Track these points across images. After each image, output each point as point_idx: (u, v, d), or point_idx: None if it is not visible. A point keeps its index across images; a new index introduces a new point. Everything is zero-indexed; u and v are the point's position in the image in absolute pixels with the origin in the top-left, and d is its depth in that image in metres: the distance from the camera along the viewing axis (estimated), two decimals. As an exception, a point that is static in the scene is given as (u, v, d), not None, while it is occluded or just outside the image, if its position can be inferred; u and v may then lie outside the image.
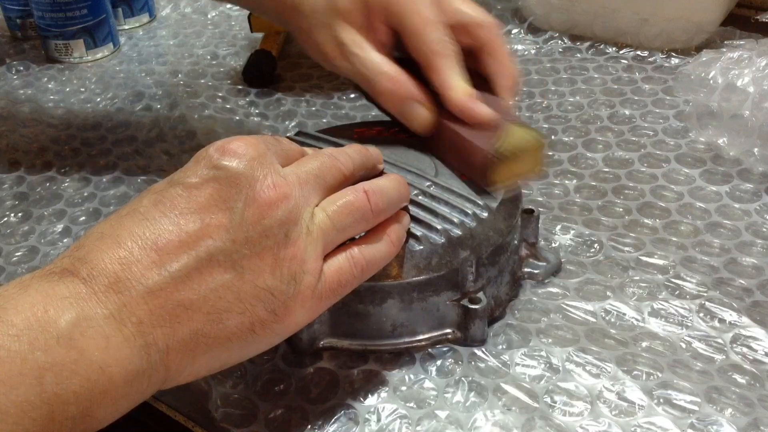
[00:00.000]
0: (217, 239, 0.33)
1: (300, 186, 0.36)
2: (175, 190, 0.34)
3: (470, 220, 0.43)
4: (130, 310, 0.31)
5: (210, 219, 0.33)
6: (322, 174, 0.37)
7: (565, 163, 0.59)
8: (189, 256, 0.32)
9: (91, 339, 0.30)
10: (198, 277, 0.32)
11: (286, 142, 0.39)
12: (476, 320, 0.43)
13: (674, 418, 0.39)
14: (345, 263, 0.37)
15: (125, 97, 0.72)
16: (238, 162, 0.34)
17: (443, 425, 0.39)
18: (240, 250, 0.33)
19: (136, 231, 0.32)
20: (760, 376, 0.41)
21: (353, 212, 0.37)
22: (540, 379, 0.42)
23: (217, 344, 0.33)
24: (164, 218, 0.33)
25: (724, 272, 0.48)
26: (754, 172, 0.56)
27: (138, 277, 0.31)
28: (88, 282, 0.31)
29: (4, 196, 0.60)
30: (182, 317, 0.32)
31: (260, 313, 0.34)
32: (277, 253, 0.34)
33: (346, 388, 0.42)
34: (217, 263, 0.33)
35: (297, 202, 0.35)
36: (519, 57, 0.75)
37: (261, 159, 0.35)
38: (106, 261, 0.32)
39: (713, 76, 0.60)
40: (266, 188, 0.34)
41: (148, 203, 0.34)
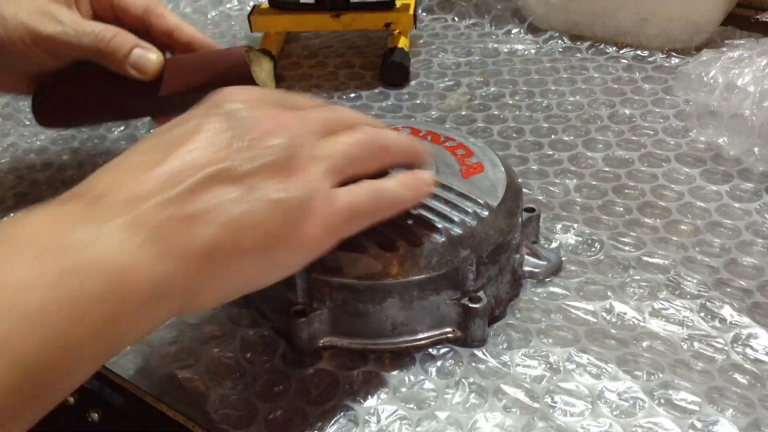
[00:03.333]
0: (220, 160, 0.33)
1: (303, 123, 0.36)
2: (177, 128, 0.35)
3: (471, 219, 0.43)
4: (142, 221, 0.31)
5: (211, 145, 0.33)
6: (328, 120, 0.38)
7: (565, 163, 0.59)
8: (194, 175, 0.32)
9: (106, 245, 0.29)
10: (205, 192, 0.32)
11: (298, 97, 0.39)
12: (476, 319, 0.43)
13: (675, 418, 0.39)
14: (357, 188, 0.37)
15: (125, 96, 0.71)
16: (240, 104, 0.35)
17: (443, 426, 0.39)
18: (245, 168, 0.33)
19: (140, 159, 0.33)
20: (761, 376, 0.41)
21: (361, 145, 0.37)
22: (540, 379, 0.41)
23: (234, 257, 0.33)
24: (166, 147, 0.33)
25: (724, 272, 0.48)
26: (754, 171, 0.56)
27: (145, 195, 0.31)
28: (97, 202, 0.31)
29: (4, 195, 0.59)
30: (194, 226, 0.31)
31: (274, 225, 0.33)
32: (282, 172, 0.34)
33: (345, 389, 0.42)
34: (222, 180, 0.33)
35: (300, 132, 0.35)
36: (519, 57, 0.75)
37: (262, 103, 0.36)
38: (112, 185, 0.32)
39: (713, 75, 0.60)
40: (268, 120, 0.35)
41: (150, 139, 0.34)
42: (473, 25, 0.82)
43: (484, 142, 0.51)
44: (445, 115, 0.66)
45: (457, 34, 0.80)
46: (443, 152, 0.48)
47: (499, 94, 0.69)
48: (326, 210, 0.35)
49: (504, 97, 0.68)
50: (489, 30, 0.80)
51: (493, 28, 0.80)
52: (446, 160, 0.47)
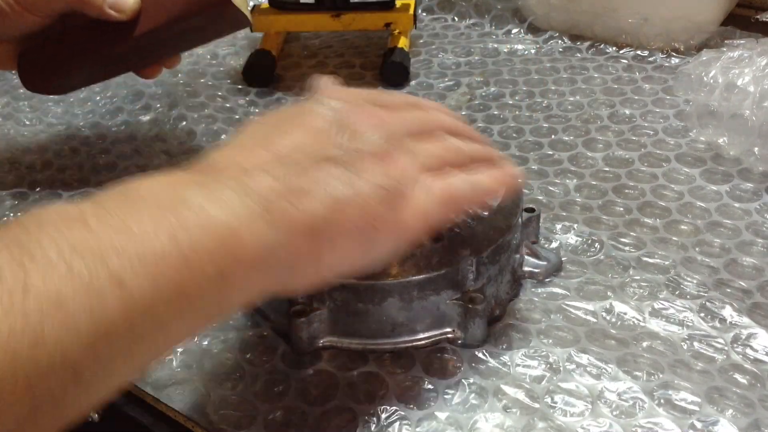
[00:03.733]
0: (329, 149, 0.35)
1: (399, 122, 0.39)
2: (283, 116, 0.38)
3: (471, 219, 0.43)
4: (254, 188, 0.32)
5: (320, 136, 0.36)
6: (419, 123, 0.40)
7: (565, 163, 0.59)
8: (306, 157, 0.34)
9: (219, 207, 0.31)
10: (315, 171, 0.34)
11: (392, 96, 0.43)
12: (476, 319, 0.43)
13: (675, 419, 0.39)
14: (452, 179, 0.38)
15: (125, 96, 0.71)
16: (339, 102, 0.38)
17: (443, 426, 0.39)
18: (351, 159, 0.35)
19: (251, 141, 0.36)
20: (761, 376, 0.41)
21: (450, 150, 0.39)
22: (540, 379, 0.41)
23: (340, 234, 0.34)
24: (279, 134, 0.36)
25: (724, 272, 0.48)
26: (754, 171, 0.56)
27: (260, 167, 0.33)
28: (212, 169, 0.33)
29: (4, 195, 0.59)
30: (302, 199, 0.33)
31: (378, 207, 0.35)
32: (383, 161, 0.36)
33: (345, 389, 0.42)
34: (332, 163, 0.35)
35: (395, 129, 0.38)
36: (519, 57, 0.74)
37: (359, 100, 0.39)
38: (228, 158, 0.34)
39: (713, 75, 0.60)
40: (367, 116, 0.38)
41: (257, 126, 0.37)
42: (473, 25, 0.81)
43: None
44: (445, 115, 0.66)
45: (457, 34, 0.80)
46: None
47: (499, 94, 0.69)
48: (423, 197, 0.37)
49: (504, 97, 0.68)
50: (489, 30, 0.80)
51: (493, 28, 0.80)
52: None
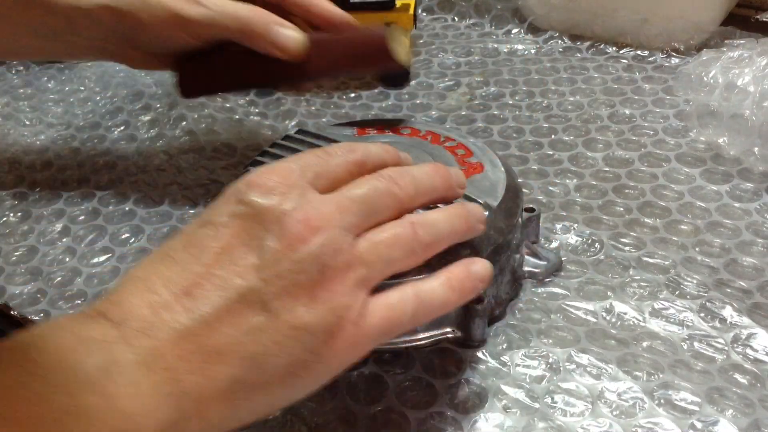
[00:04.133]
0: (247, 279, 0.31)
1: (340, 215, 0.33)
2: (204, 231, 0.33)
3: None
4: (159, 355, 0.30)
5: (238, 258, 0.32)
6: (370, 201, 0.35)
7: (565, 163, 0.59)
8: (219, 298, 0.31)
9: (120, 386, 0.29)
10: (229, 319, 0.31)
11: (338, 158, 0.36)
12: (476, 319, 0.42)
13: (675, 419, 0.39)
14: (395, 300, 0.34)
15: (125, 96, 0.71)
16: (264, 196, 0.33)
17: (443, 426, 0.39)
18: (271, 290, 0.31)
19: (166, 274, 0.32)
20: (761, 376, 0.41)
21: (399, 245, 0.35)
22: (540, 379, 0.41)
23: (257, 390, 0.31)
24: (193, 260, 0.32)
25: (724, 272, 0.48)
26: (754, 171, 0.56)
27: (168, 321, 0.30)
28: (118, 326, 0.30)
29: (4, 195, 0.59)
30: (215, 362, 0.30)
31: (299, 354, 0.32)
32: (312, 289, 0.32)
33: (345, 390, 0.42)
34: (248, 304, 0.31)
35: (332, 234, 0.33)
36: (519, 57, 0.74)
37: (290, 190, 0.33)
38: (136, 305, 0.31)
39: (713, 75, 0.60)
40: (295, 222, 0.32)
41: (178, 245, 0.33)
42: (473, 25, 0.81)
43: (484, 142, 0.50)
44: (445, 115, 0.66)
45: (457, 34, 0.80)
46: (443, 152, 0.48)
47: (499, 94, 0.69)
48: (358, 329, 0.33)
49: (504, 97, 0.68)
50: (489, 30, 0.80)
51: (493, 28, 0.80)
52: (446, 160, 0.47)
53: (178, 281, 0.31)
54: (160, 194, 0.58)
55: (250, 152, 0.63)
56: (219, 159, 0.62)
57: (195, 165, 0.62)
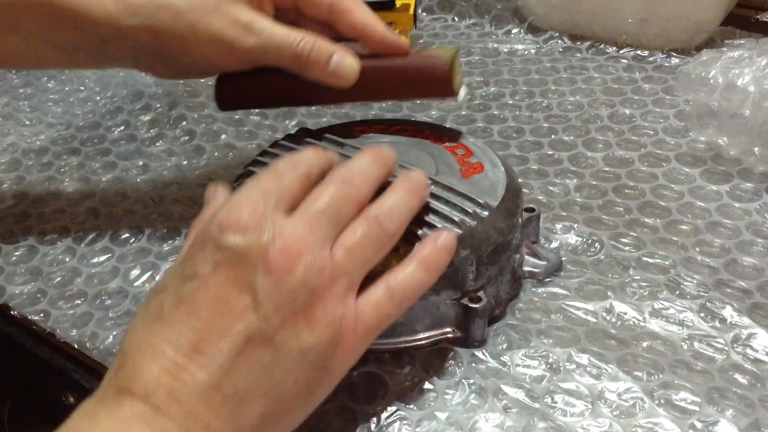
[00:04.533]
0: (248, 320, 0.33)
1: (312, 233, 0.35)
2: (192, 285, 0.33)
3: (471, 219, 0.42)
4: (194, 417, 0.31)
5: (234, 303, 0.33)
6: (334, 210, 0.36)
7: (565, 163, 0.59)
8: (228, 345, 0.32)
9: None
10: (243, 362, 0.32)
11: (289, 176, 0.37)
12: (476, 319, 0.43)
13: (675, 419, 0.39)
14: (382, 297, 0.37)
15: (125, 96, 0.71)
16: (241, 236, 0.33)
17: (443, 427, 0.39)
18: (273, 324, 0.33)
19: (171, 337, 0.32)
20: (761, 376, 0.41)
21: (370, 243, 0.37)
22: (540, 379, 0.41)
23: (282, 416, 0.34)
24: (191, 317, 0.33)
25: (724, 272, 0.48)
26: (754, 171, 0.56)
27: (190, 383, 0.31)
28: (147, 399, 0.31)
29: (3, 195, 0.59)
30: (243, 407, 0.32)
31: (311, 373, 0.34)
32: (309, 311, 0.34)
33: (345, 389, 0.42)
34: (255, 343, 0.33)
35: (312, 255, 0.34)
36: (519, 57, 0.74)
37: (262, 223, 0.34)
38: (155, 374, 0.31)
39: (713, 75, 0.59)
40: (278, 254, 0.33)
41: (170, 306, 0.33)
42: (473, 25, 0.81)
43: (484, 142, 0.50)
44: (445, 115, 0.66)
45: (457, 34, 0.80)
46: (443, 152, 0.48)
47: (499, 94, 0.69)
48: (356, 334, 0.35)
49: (504, 97, 0.68)
50: (489, 30, 0.80)
51: (493, 28, 0.80)
52: (446, 160, 0.47)
53: (183, 341, 0.32)
54: (159, 194, 0.58)
55: (250, 152, 0.63)
56: (219, 159, 0.62)
57: (195, 165, 0.62)
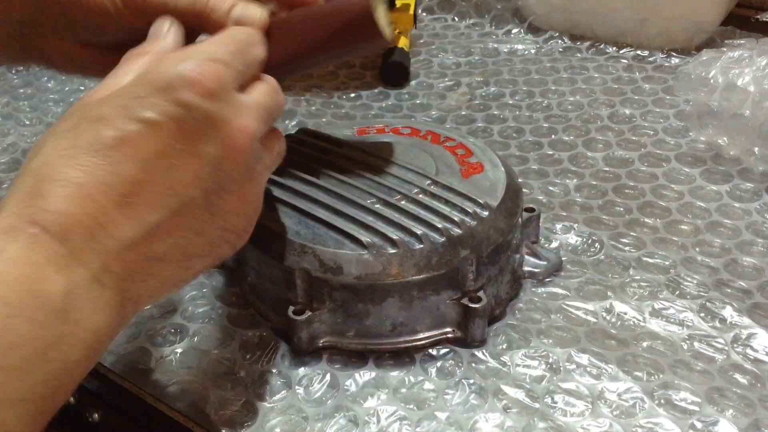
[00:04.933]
0: (190, 189, 0.32)
1: (263, 124, 0.36)
2: (136, 127, 0.31)
3: (471, 219, 0.43)
4: (109, 270, 0.30)
5: (179, 165, 0.32)
6: (271, 100, 0.37)
7: (565, 162, 0.59)
8: (162, 207, 0.32)
9: (83, 308, 0.30)
10: (170, 227, 0.32)
11: (251, 55, 0.37)
12: (476, 319, 0.42)
13: (675, 419, 0.39)
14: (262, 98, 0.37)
15: (124, 96, 0.71)
16: (205, 101, 0.32)
17: (443, 427, 0.39)
18: (210, 198, 0.33)
19: (104, 179, 0.30)
20: (761, 376, 0.41)
21: (273, 94, 0.37)
22: (540, 379, 0.41)
23: (181, 282, 0.35)
24: (129, 162, 0.31)
25: (724, 272, 0.48)
26: (754, 171, 0.56)
27: (112, 233, 0.30)
28: (63, 240, 0.29)
29: (4, 195, 0.59)
30: (155, 270, 0.32)
31: (224, 250, 0.35)
32: (242, 193, 0.35)
33: (345, 389, 0.42)
34: (189, 212, 0.32)
35: (256, 143, 0.35)
36: (519, 57, 0.74)
37: (228, 95, 0.33)
38: (77, 215, 0.30)
39: (713, 75, 0.60)
40: (237, 132, 0.33)
41: (109, 143, 0.31)
42: (473, 25, 0.81)
43: (484, 142, 0.51)
44: (445, 115, 0.66)
45: (457, 34, 0.80)
46: (443, 152, 0.48)
47: (499, 94, 0.69)
48: (262, 181, 0.37)
49: (504, 97, 0.68)
50: (489, 30, 0.80)
51: (493, 28, 0.80)
52: (446, 160, 0.47)
53: (116, 187, 0.31)
54: (160, 194, 0.58)
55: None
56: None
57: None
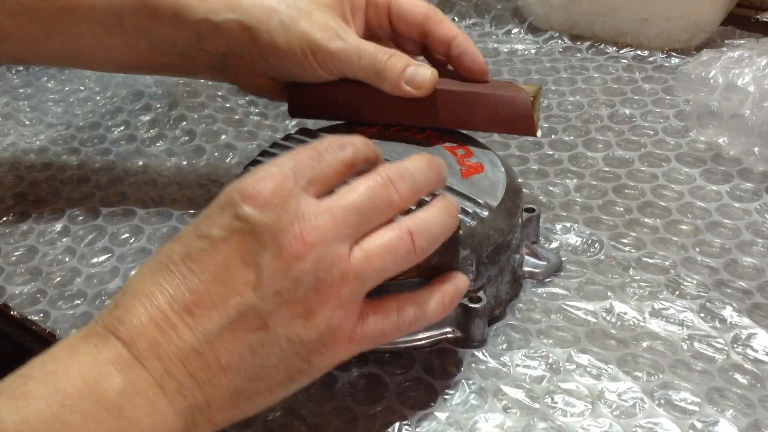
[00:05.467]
0: (245, 297, 0.33)
1: (335, 227, 0.34)
2: (202, 244, 0.33)
3: (471, 219, 0.42)
4: (171, 374, 0.32)
5: (237, 276, 0.33)
6: (366, 208, 0.35)
7: (565, 163, 0.59)
8: (220, 316, 0.32)
9: (139, 407, 0.31)
10: (230, 336, 0.33)
11: (330, 157, 0.36)
12: (476, 319, 0.42)
13: (675, 419, 0.39)
14: (393, 316, 0.36)
15: (125, 96, 0.71)
16: (261, 211, 0.33)
17: (443, 427, 0.39)
18: (269, 307, 0.33)
19: (169, 290, 0.33)
20: (761, 376, 0.41)
21: (395, 254, 0.35)
22: (540, 379, 0.41)
23: (256, 395, 0.34)
24: (193, 276, 0.33)
25: (724, 272, 0.48)
26: (754, 171, 0.56)
27: (174, 341, 0.32)
28: (129, 345, 0.32)
29: (4, 195, 0.59)
30: (220, 378, 0.33)
31: (296, 363, 0.34)
32: (308, 303, 0.33)
33: (345, 390, 0.42)
34: (247, 321, 0.33)
35: (328, 248, 0.33)
36: (519, 57, 0.74)
37: (286, 202, 0.33)
38: (144, 323, 0.32)
39: (713, 75, 0.60)
40: (292, 239, 0.33)
41: (178, 258, 0.33)
42: (473, 25, 0.81)
43: (484, 142, 0.50)
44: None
45: (457, 34, 0.80)
46: (443, 152, 0.48)
47: (499, 94, 0.69)
48: (352, 338, 0.35)
49: (504, 97, 0.68)
50: (489, 30, 0.80)
51: (493, 28, 0.80)
52: (446, 161, 0.47)
53: (179, 297, 0.33)
54: (159, 194, 0.58)
55: (250, 152, 0.63)
56: (219, 159, 0.62)
57: (195, 165, 0.62)
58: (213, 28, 0.48)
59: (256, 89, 0.53)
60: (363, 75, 0.47)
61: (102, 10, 0.48)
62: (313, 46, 0.47)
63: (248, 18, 0.47)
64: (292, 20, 0.47)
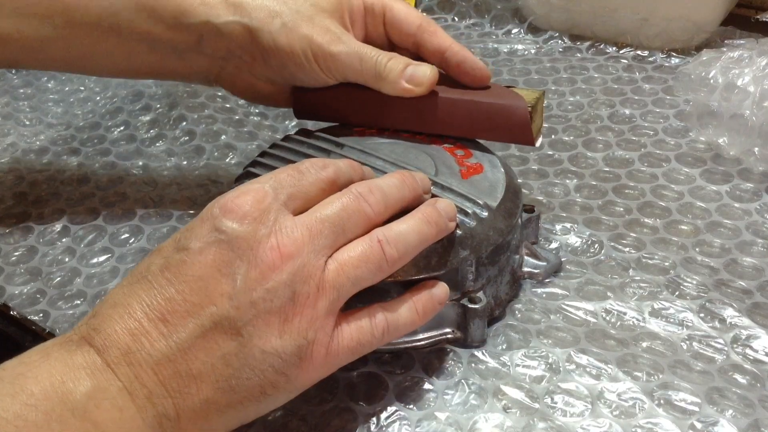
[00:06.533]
0: (221, 307, 0.33)
1: (311, 239, 0.34)
2: (180, 256, 0.34)
3: (470, 220, 0.43)
4: (141, 381, 0.32)
5: (213, 286, 0.33)
6: (340, 221, 0.36)
7: (565, 163, 0.59)
8: (194, 325, 0.33)
9: (106, 411, 0.31)
10: (204, 345, 0.33)
11: (310, 176, 0.37)
12: (476, 320, 0.43)
13: (675, 419, 0.39)
14: (366, 324, 0.37)
15: (125, 96, 0.71)
16: (239, 223, 0.34)
17: (443, 427, 0.39)
18: (244, 317, 0.33)
19: (145, 300, 0.33)
20: (761, 376, 0.41)
21: (368, 264, 0.36)
22: (540, 379, 0.41)
23: (228, 408, 0.34)
24: (170, 286, 0.33)
25: (724, 273, 0.48)
26: (754, 171, 0.56)
27: (147, 348, 0.32)
28: (102, 352, 0.32)
29: (4, 195, 0.59)
30: (191, 387, 0.33)
31: (270, 376, 0.34)
32: (284, 315, 0.33)
33: (345, 390, 0.42)
34: (221, 330, 0.33)
35: (304, 260, 0.34)
36: (519, 57, 0.74)
37: (264, 216, 0.34)
38: (118, 331, 0.33)
39: (713, 75, 0.59)
40: (268, 250, 0.33)
41: (156, 269, 0.34)
42: (473, 25, 0.81)
43: (484, 143, 0.50)
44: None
45: (457, 34, 0.80)
46: (443, 153, 0.48)
47: (499, 94, 0.69)
48: (329, 351, 0.35)
49: (504, 97, 0.68)
50: (489, 30, 0.80)
51: (493, 28, 0.80)
52: (446, 161, 0.47)
53: (155, 307, 0.33)
54: (159, 194, 0.58)
55: (250, 152, 0.63)
56: (219, 159, 0.62)
57: (195, 165, 0.62)
58: (214, 30, 0.48)
59: (252, 94, 0.53)
60: (363, 78, 0.48)
61: (100, 14, 0.48)
62: (315, 48, 0.47)
63: (250, 20, 0.47)
64: (294, 23, 0.47)
